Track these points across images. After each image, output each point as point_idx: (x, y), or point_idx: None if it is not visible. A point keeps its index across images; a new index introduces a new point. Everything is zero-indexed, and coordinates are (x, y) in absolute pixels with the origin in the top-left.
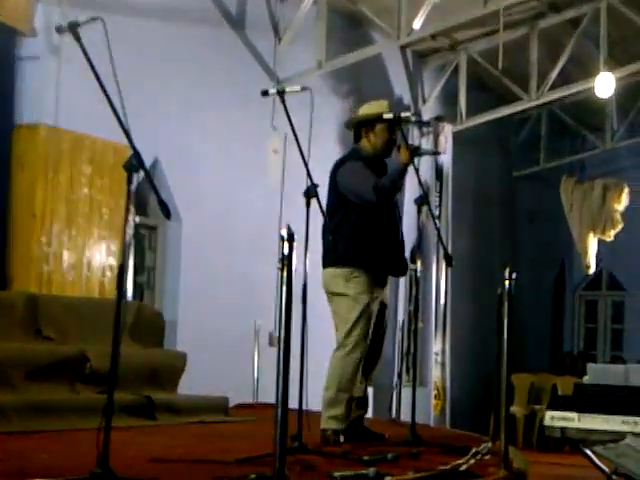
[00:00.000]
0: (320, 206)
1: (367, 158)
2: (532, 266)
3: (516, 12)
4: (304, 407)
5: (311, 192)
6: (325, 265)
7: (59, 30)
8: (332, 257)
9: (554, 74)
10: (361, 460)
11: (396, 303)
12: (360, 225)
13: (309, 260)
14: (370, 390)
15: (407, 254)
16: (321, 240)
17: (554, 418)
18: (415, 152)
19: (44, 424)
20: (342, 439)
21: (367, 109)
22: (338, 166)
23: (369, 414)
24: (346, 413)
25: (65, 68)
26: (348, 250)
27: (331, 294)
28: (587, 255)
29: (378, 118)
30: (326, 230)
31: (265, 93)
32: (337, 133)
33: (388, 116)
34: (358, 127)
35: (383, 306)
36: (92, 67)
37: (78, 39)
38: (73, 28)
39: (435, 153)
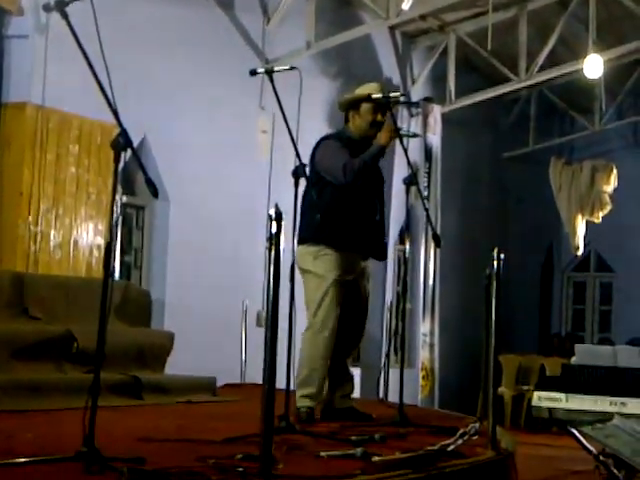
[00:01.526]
0: (308, 186)
1: (350, 139)
2: (520, 247)
3: None
4: (292, 387)
5: (300, 172)
6: (298, 242)
7: (46, 9)
8: (304, 234)
9: (543, 55)
10: (349, 440)
11: (384, 284)
12: (333, 203)
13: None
14: (358, 371)
15: (394, 236)
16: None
17: (542, 399)
18: (395, 134)
19: (30, 403)
20: (316, 416)
21: (357, 91)
22: (318, 144)
23: (357, 394)
24: (318, 391)
25: (52, 47)
26: (319, 228)
27: (301, 271)
28: (575, 236)
29: (363, 99)
30: (303, 207)
31: (253, 73)
32: (326, 113)
33: (376, 96)
34: (346, 109)
35: (360, 285)
36: (80, 46)
37: (65, 17)
38: (60, 6)
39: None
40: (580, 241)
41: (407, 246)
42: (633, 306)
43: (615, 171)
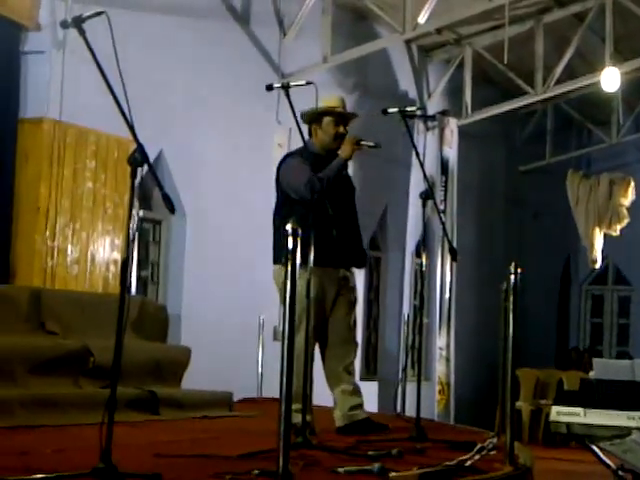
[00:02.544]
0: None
1: (314, 154)
2: (538, 261)
3: (521, 6)
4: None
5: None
6: (273, 261)
7: (64, 25)
8: (277, 253)
9: (560, 68)
10: (366, 455)
11: (401, 297)
12: (302, 221)
13: (313, 254)
14: (375, 384)
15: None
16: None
17: (560, 413)
18: (357, 146)
19: (47, 418)
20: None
21: (320, 103)
22: (281, 162)
23: (374, 408)
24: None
25: (69, 62)
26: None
27: (278, 289)
28: (593, 250)
29: (325, 112)
30: (274, 226)
31: (270, 87)
32: None
33: (392, 110)
34: (309, 123)
35: (340, 296)
36: (96, 61)
37: (82, 34)
38: (77, 23)
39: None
40: (598, 254)
41: (424, 260)
42: None
43: (633, 184)
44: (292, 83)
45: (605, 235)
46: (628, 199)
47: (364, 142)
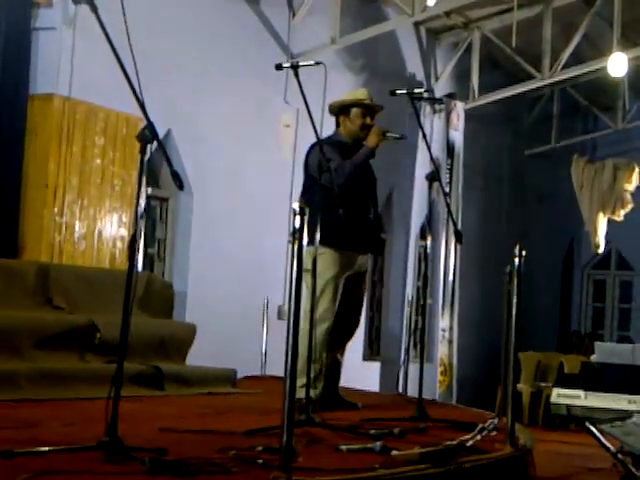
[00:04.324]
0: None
1: (341, 143)
2: (541, 245)
3: None
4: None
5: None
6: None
7: (75, 1)
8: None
9: (567, 53)
10: (368, 434)
11: (405, 279)
12: (326, 205)
13: (319, 234)
14: (377, 365)
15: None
16: None
17: (560, 396)
18: (383, 137)
19: (54, 392)
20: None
21: (346, 96)
22: (310, 148)
23: (376, 388)
24: (312, 382)
25: (80, 39)
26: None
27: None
28: (596, 234)
29: (353, 104)
30: None
31: (279, 67)
32: None
33: (401, 92)
34: (337, 114)
35: (355, 280)
36: (107, 38)
37: (95, 10)
38: None
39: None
40: (601, 239)
41: (428, 241)
42: None
43: (637, 170)
44: (301, 63)
45: (609, 220)
46: (632, 185)
47: (390, 134)
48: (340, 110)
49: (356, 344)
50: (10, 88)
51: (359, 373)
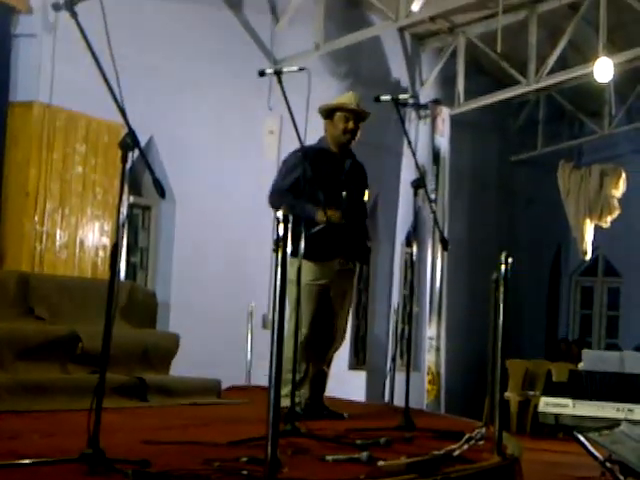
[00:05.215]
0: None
1: (324, 151)
2: (528, 251)
3: None
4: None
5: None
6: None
7: (56, 7)
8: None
9: (553, 58)
10: (354, 444)
11: (390, 287)
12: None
13: (304, 242)
14: (363, 374)
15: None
16: None
17: (548, 404)
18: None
19: (35, 404)
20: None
21: (333, 101)
22: (288, 155)
23: (362, 398)
24: (292, 391)
25: (60, 46)
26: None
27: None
28: (583, 241)
29: (337, 108)
30: None
31: (262, 73)
32: None
33: (385, 98)
34: (325, 119)
35: (335, 288)
36: (88, 45)
37: (75, 17)
38: (69, 6)
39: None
40: (588, 246)
41: (414, 249)
42: None
43: (624, 175)
44: (285, 69)
45: (595, 226)
46: (619, 190)
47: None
48: (326, 114)
49: (342, 353)
50: None
51: (345, 382)
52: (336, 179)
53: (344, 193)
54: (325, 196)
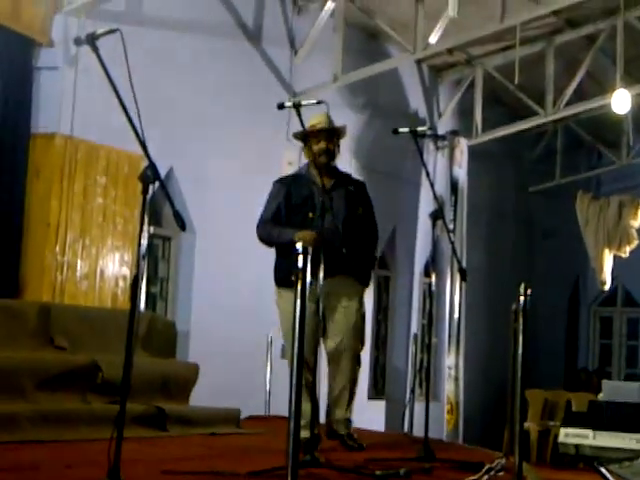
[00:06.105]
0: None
1: (303, 178)
2: (547, 282)
3: (533, 27)
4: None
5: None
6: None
7: (77, 42)
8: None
9: (570, 90)
10: (373, 475)
11: (409, 317)
12: (280, 245)
13: (322, 272)
14: (382, 404)
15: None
16: None
17: (569, 435)
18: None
19: (55, 434)
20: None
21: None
22: None
23: (381, 427)
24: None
25: (82, 78)
26: (274, 270)
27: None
28: (602, 271)
29: (308, 132)
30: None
31: (281, 106)
32: (352, 146)
33: (403, 130)
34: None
35: (325, 310)
36: (109, 78)
37: (96, 50)
38: (91, 40)
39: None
40: (607, 276)
41: (433, 279)
42: None
43: None
44: (303, 102)
45: (614, 257)
46: (638, 221)
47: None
48: (303, 140)
49: (361, 383)
50: (12, 127)
51: (364, 412)
52: (311, 202)
53: (310, 214)
54: (301, 219)
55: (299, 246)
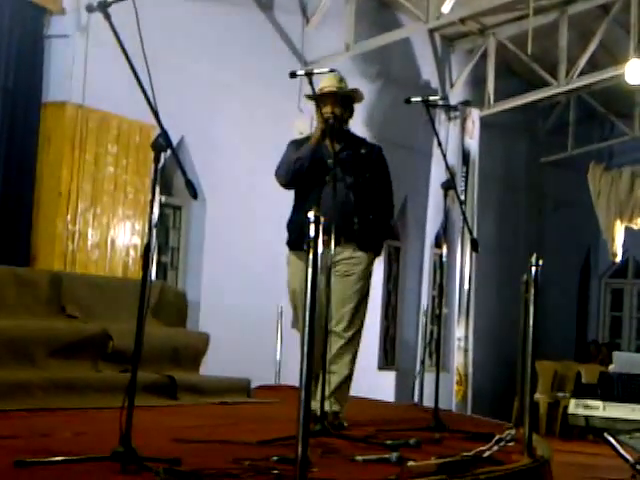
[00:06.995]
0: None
1: (307, 138)
2: (558, 253)
3: None
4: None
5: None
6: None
7: (89, 9)
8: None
9: (583, 60)
10: (383, 444)
11: (420, 288)
12: (295, 206)
13: (334, 242)
14: (392, 375)
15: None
16: None
17: (579, 406)
18: (323, 136)
19: (67, 402)
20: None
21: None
22: None
23: (391, 398)
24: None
25: (93, 46)
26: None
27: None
28: (614, 243)
29: (318, 95)
30: None
31: (293, 75)
32: (364, 115)
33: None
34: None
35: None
36: (121, 46)
37: (108, 18)
38: (103, 7)
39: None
40: (618, 247)
41: (444, 250)
42: None
43: None
44: (315, 71)
45: (626, 228)
46: None
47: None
48: (315, 104)
49: (371, 354)
50: (23, 96)
51: (374, 383)
52: (321, 165)
53: (321, 177)
54: (312, 181)
55: (311, 215)
